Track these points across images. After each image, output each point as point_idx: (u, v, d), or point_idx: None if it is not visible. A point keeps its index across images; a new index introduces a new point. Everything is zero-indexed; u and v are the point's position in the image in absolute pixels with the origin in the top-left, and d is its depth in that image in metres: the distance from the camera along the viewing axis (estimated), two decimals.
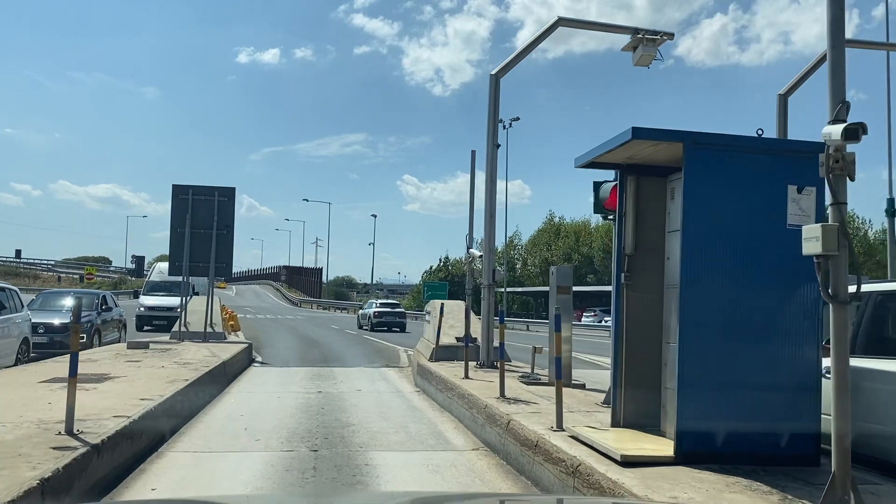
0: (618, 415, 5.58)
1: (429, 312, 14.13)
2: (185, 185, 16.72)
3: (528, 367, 11.45)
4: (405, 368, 14.69)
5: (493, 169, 10.89)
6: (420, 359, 12.30)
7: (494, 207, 10.89)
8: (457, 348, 12.07)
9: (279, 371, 13.75)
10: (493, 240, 10.96)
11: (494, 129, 10.90)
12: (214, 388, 9.93)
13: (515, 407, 6.98)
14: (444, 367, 10.91)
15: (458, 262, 63.65)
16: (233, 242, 16.88)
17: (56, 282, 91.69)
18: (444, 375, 9.60)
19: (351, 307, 61.62)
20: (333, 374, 13.15)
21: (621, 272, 5.61)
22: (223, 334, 16.48)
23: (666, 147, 4.96)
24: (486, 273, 10.87)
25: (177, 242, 16.45)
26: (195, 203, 16.55)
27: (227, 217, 16.71)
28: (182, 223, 16.38)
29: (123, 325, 17.18)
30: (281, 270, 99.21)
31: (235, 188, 16.94)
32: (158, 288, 26.49)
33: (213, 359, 11.53)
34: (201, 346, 14.14)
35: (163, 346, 14.12)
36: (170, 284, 25.59)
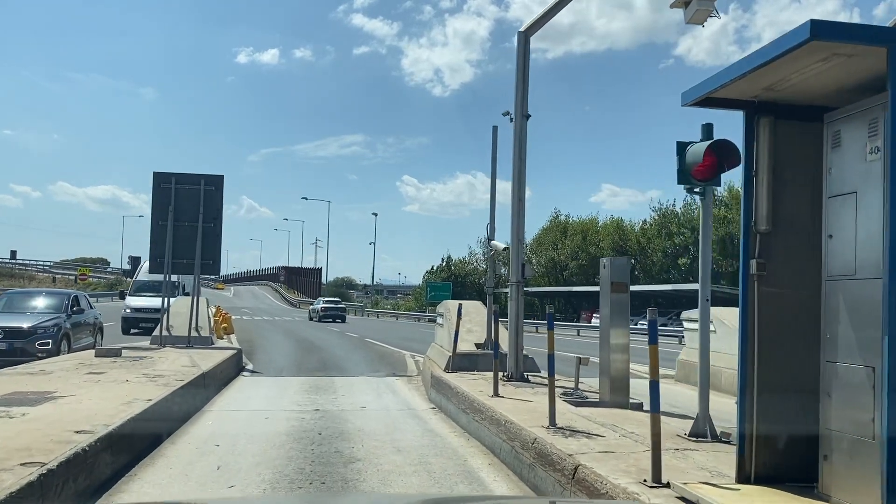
0: (747, 465, 3.85)
1: (441, 315, 12.40)
2: (167, 173, 14.99)
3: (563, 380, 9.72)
4: (414, 378, 12.96)
5: (521, 144, 9.16)
6: (434, 368, 10.57)
7: (524, 191, 9.17)
8: (477, 357, 10.35)
9: (271, 382, 12.01)
10: (522, 229, 9.24)
11: (524, 96, 9.17)
12: (189, 405, 8.21)
13: (576, 442, 5.24)
14: (464, 379, 9.18)
15: (460, 262, 61.95)
16: (221, 236, 15.14)
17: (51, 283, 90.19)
18: (468, 392, 7.86)
19: (351, 308, 59.89)
20: (333, 386, 11.41)
21: (750, 258, 3.88)
22: (210, 339, 14.75)
23: (843, 64, 3.22)
24: (513, 268, 9.14)
25: (158, 237, 14.72)
26: (179, 193, 14.83)
27: (215, 208, 14.97)
28: (164, 215, 14.65)
29: (99, 328, 15.44)
30: (280, 271, 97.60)
31: (223, 176, 15.20)
32: (146, 288, 24.68)
33: (191, 369, 9.79)
34: (182, 353, 12.40)
35: (139, 352, 12.39)
36: (158, 284, 23.86)
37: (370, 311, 57.46)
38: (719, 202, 40.05)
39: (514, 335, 9.09)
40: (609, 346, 7.13)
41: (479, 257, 62.64)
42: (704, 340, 5.71)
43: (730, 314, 13.36)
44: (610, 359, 7.10)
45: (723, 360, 12.33)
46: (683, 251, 42.39)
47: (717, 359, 12.58)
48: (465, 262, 61.82)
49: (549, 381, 5.89)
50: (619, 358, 7.11)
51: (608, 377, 7.13)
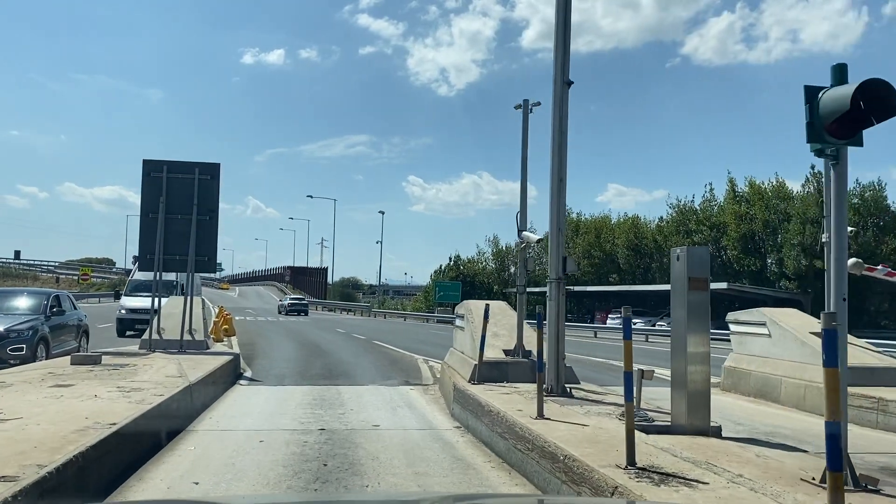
0: None
1: (461, 316, 11.00)
2: (158, 161, 13.66)
3: (611, 394, 8.34)
4: (430, 387, 11.57)
5: (562, 115, 7.77)
6: (455, 378, 9.18)
7: (564, 170, 7.77)
8: (507, 366, 8.96)
9: (271, 392, 10.64)
10: (563, 217, 7.83)
11: (564, 59, 7.76)
12: (168, 425, 6.84)
13: (675, 493, 3.83)
14: (494, 393, 7.79)
15: (469, 262, 60.51)
16: (217, 230, 13.82)
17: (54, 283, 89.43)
18: (504, 412, 6.46)
19: (358, 309, 58.56)
20: (341, 397, 10.04)
21: None
22: (204, 342, 13.39)
23: None
24: (553, 263, 7.75)
25: (148, 231, 13.39)
26: (171, 183, 13.51)
27: (211, 199, 13.64)
28: (155, 207, 13.32)
29: (84, 331, 14.10)
30: (285, 271, 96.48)
31: (220, 164, 13.87)
32: (143, 287, 23.28)
33: (176, 380, 8.43)
34: (171, 360, 11.05)
35: (123, 359, 11.05)
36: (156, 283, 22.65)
37: (377, 312, 56.07)
38: (740, 198, 38.55)
39: (554, 341, 7.68)
40: (685, 356, 5.73)
41: (488, 256, 61.30)
42: (838, 356, 4.28)
43: (785, 315, 11.89)
44: (687, 371, 5.70)
45: (781, 367, 10.88)
46: None
47: (774, 366, 11.13)
48: (473, 262, 60.41)
49: (626, 408, 4.47)
50: (697, 370, 5.71)
51: (684, 394, 5.73)
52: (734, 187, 38.78)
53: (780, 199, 36.16)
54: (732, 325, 12.46)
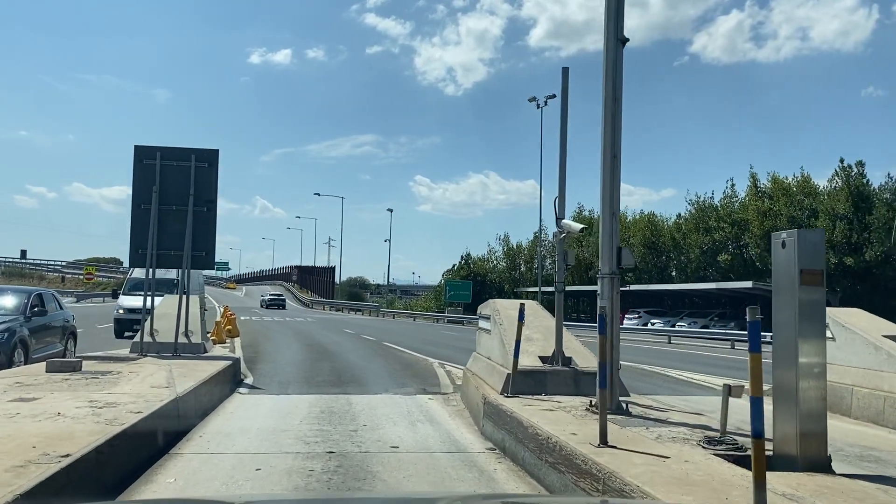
0: None
1: (487, 317, 9.77)
2: (150, 147, 12.51)
3: (672, 409, 7.11)
4: (451, 396, 10.36)
5: (616, 80, 6.54)
6: (484, 389, 7.96)
7: (619, 144, 6.53)
8: (544, 375, 7.73)
9: (273, 403, 9.44)
10: (618, 200, 6.60)
11: (618, 10, 6.54)
12: (145, 449, 5.66)
13: None
14: (534, 409, 6.58)
15: (480, 261, 59.27)
16: (215, 223, 12.65)
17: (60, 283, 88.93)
18: (555, 436, 5.24)
19: (366, 308, 57.41)
20: (351, 409, 8.85)
21: None
22: (201, 345, 12.21)
23: None
24: (605, 254, 6.51)
25: (140, 224, 12.23)
26: (165, 171, 12.36)
27: (209, 189, 12.48)
28: (147, 198, 12.17)
29: (71, 333, 12.95)
30: (292, 271, 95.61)
31: (219, 151, 12.70)
32: (142, 286, 22.08)
33: (162, 392, 7.25)
34: (162, 366, 9.88)
35: (108, 364, 9.89)
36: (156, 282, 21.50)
37: (385, 312, 54.86)
38: (762, 193, 37.15)
39: (609, 349, 6.43)
40: (796, 368, 4.49)
41: (499, 255, 60.05)
42: None
43: (850, 315, 10.58)
44: (798, 387, 4.46)
45: (849, 375, 9.58)
46: (723, 247, 39.48)
47: (841, 374, 9.75)
48: (484, 261, 59.18)
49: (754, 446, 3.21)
50: (812, 386, 4.48)
51: (793, 415, 4.51)
52: (756, 183, 37.40)
53: (806, 195, 34.77)
54: None
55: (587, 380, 7.67)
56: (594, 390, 7.45)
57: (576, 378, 7.68)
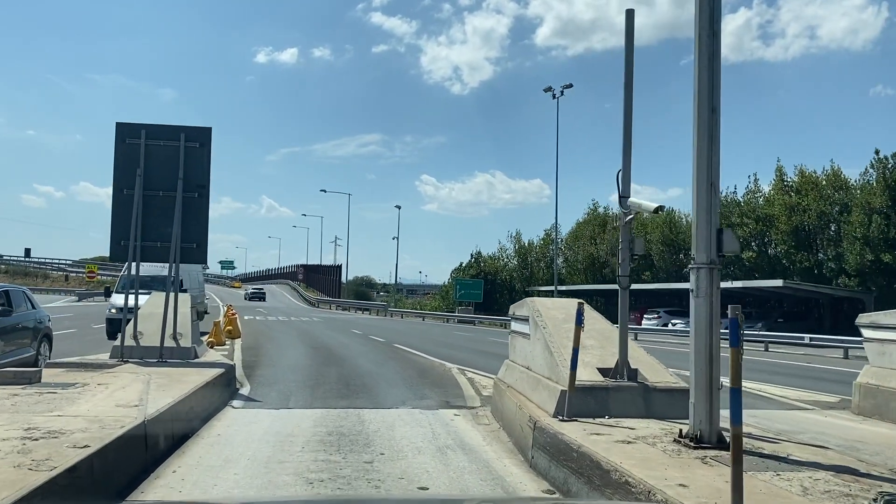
0: None
1: (524, 319, 8.23)
2: (134, 124, 11.06)
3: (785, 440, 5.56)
4: (480, 411, 8.84)
5: (713, 15, 4.98)
6: (530, 409, 6.43)
7: (718, 96, 4.99)
8: (607, 392, 6.19)
9: (271, 420, 7.92)
10: (718, 166, 5.05)
11: None
12: None
13: None
14: (606, 440, 5.04)
15: (490, 259, 57.66)
16: (208, 210, 11.17)
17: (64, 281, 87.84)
18: (657, 490, 3.71)
19: (374, 308, 55.89)
20: (364, 429, 7.34)
21: None
22: (191, 350, 10.71)
23: None
24: (701, 238, 4.97)
25: (122, 212, 10.77)
26: (151, 152, 10.91)
27: (200, 172, 11.01)
28: (130, 181, 10.71)
29: (45, 335, 11.47)
30: (298, 269, 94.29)
31: (211, 129, 11.23)
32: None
33: (128, 413, 5.74)
34: (141, 376, 8.40)
35: (76, 374, 8.41)
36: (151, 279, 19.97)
37: (393, 311, 53.28)
38: (788, 187, 35.43)
39: (704, 361, 4.89)
40: None
41: (510, 253, 58.45)
42: None
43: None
44: None
45: None
46: (746, 244, 37.77)
47: None
48: (495, 259, 57.56)
49: None
50: None
51: None
52: (783, 177, 35.67)
53: (836, 189, 33.04)
54: (868, 329, 9.62)
55: (660, 399, 6.13)
56: (670, 412, 5.93)
57: (646, 396, 6.13)
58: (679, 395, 6.20)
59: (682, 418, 6.00)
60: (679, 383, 6.33)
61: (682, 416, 6.06)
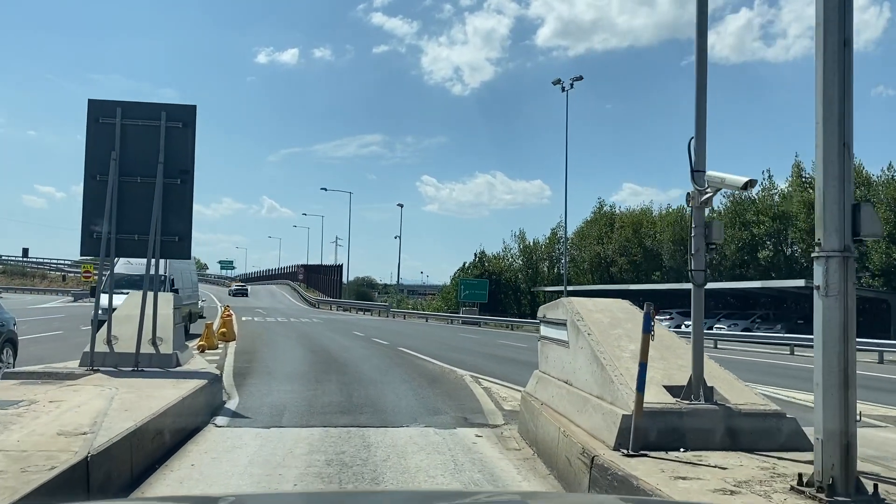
0: None
1: (558, 323, 6.93)
2: (109, 101, 9.75)
3: None
4: (505, 430, 7.56)
5: None
6: (580, 437, 5.14)
7: (850, 27, 3.70)
8: (681, 418, 4.90)
9: (258, 444, 6.63)
10: (850, 124, 3.76)
11: None
12: None
13: None
14: (695, 488, 3.75)
15: (495, 258, 56.35)
16: (192, 199, 9.87)
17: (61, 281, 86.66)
18: None
19: (375, 308, 54.59)
20: (371, 456, 6.07)
21: None
22: (172, 357, 9.42)
23: None
24: (832, 216, 3.67)
25: (94, 200, 9.48)
26: (128, 133, 9.64)
27: (184, 156, 9.72)
28: (103, 166, 9.43)
29: (9, 340, 10.23)
30: (299, 269, 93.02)
31: (196, 106, 9.93)
32: (125, 283, 19.32)
33: (68, 446, 4.46)
34: (106, 389, 7.12)
35: (31, 387, 7.14)
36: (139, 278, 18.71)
37: (395, 312, 51.92)
38: (805, 182, 34.12)
39: (837, 381, 3.59)
40: None
41: (515, 252, 57.15)
42: None
43: None
44: None
45: None
46: (760, 243, 36.49)
47: None
48: (499, 258, 56.23)
49: None
50: None
51: None
52: (801, 172, 34.35)
53: (857, 185, 31.70)
54: None
55: (747, 426, 4.85)
56: (759, 443, 4.66)
57: (729, 423, 4.83)
58: (770, 421, 4.92)
59: (775, 451, 4.75)
60: (768, 406, 5.04)
61: (774, 447, 4.80)
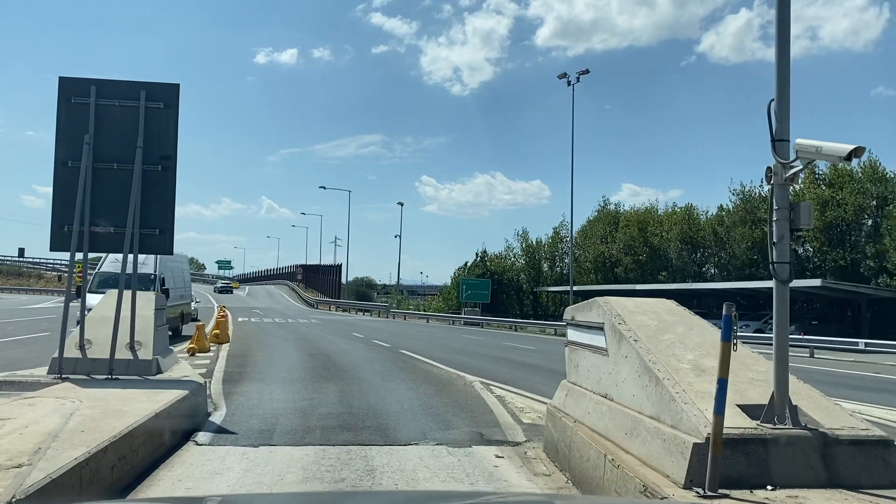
0: None
1: (593, 327, 5.95)
2: (82, 79, 8.76)
3: None
4: (529, 448, 6.61)
5: None
6: (643, 473, 4.17)
7: None
8: (764, 445, 3.91)
9: (242, 468, 5.65)
10: None
11: None
12: None
13: None
14: None
15: (496, 257, 55.39)
16: (175, 188, 8.88)
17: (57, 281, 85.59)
18: None
19: (375, 309, 53.57)
20: (375, 483, 5.08)
21: None
22: (152, 363, 8.45)
23: None
24: None
25: (65, 189, 8.49)
26: (103, 114, 8.68)
27: (165, 141, 8.76)
28: (76, 151, 8.45)
29: None
30: (297, 269, 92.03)
31: (179, 85, 8.95)
32: (112, 283, 18.30)
33: None
34: (69, 402, 6.16)
35: None
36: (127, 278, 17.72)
37: (396, 312, 50.88)
38: (820, 180, 33.17)
39: None
40: None
41: (517, 252, 56.19)
42: None
43: None
44: None
45: None
46: None
47: None
48: (501, 258, 55.25)
49: None
50: None
51: None
52: (813, 169, 33.34)
53: (873, 182, 30.75)
54: None
55: (848, 457, 3.87)
56: (864, 478, 3.69)
57: (825, 452, 3.86)
58: (877, 450, 3.94)
59: (885, 488, 3.77)
60: (870, 431, 4.06)
61: (884, 483, 3.82)
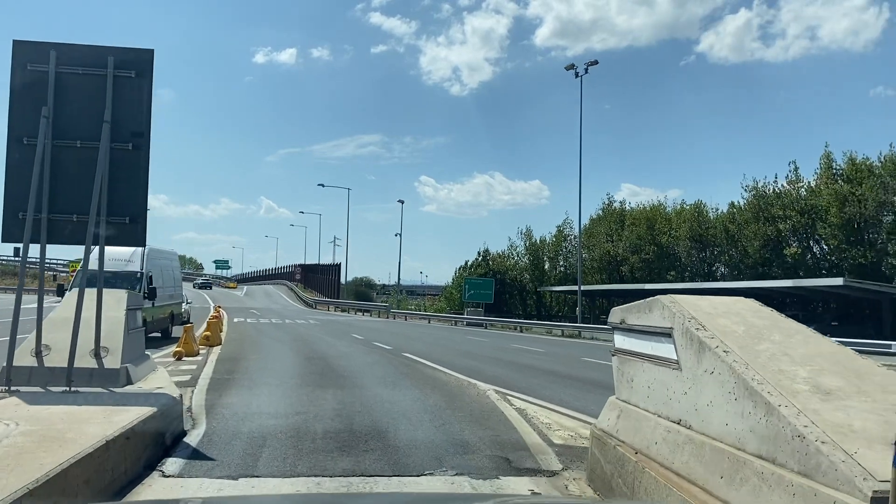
0: None
1: (662, 333, 4.76)
2: (40, 43, 7.57)
3: None
4: (567, 479, 5.42)
5: None
6: None
7: None
8: None
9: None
10: None
11: None
12: None
13: None
14: None
15: (499, 257, 54.21)
16: (147, 171, 7.67)
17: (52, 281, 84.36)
18: None
19: (375, 309, 52.33)
20: None
21: None
22: (119, 372, 7.25)
23: None
24: None
25: (19, 171, 7.28)
26: (65, 83, 7.52)
27: (137, 115, 7.58)
28: (33, 126, 7.25)
29: None
30: (296, 269, 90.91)
31: (153, 51, 7.74)
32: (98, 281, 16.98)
33: None
34: (3, 423, 4.93)
35: None
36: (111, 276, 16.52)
37: (396, 312, 49.60)
38: (837, 175, 31.98)
39: None
40: None
41: (521, 251, 55.01)
42: None
43: None
44: None
45: None
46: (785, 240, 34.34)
47: None
48: (504, 257, 54.05)
49: None
50: None
51: None
52: (830, 164, 32.19)
53: (893, 177, 29.54)
54: None
55: None
56: None
57: None
58: None
59: None
60: None
61: None
